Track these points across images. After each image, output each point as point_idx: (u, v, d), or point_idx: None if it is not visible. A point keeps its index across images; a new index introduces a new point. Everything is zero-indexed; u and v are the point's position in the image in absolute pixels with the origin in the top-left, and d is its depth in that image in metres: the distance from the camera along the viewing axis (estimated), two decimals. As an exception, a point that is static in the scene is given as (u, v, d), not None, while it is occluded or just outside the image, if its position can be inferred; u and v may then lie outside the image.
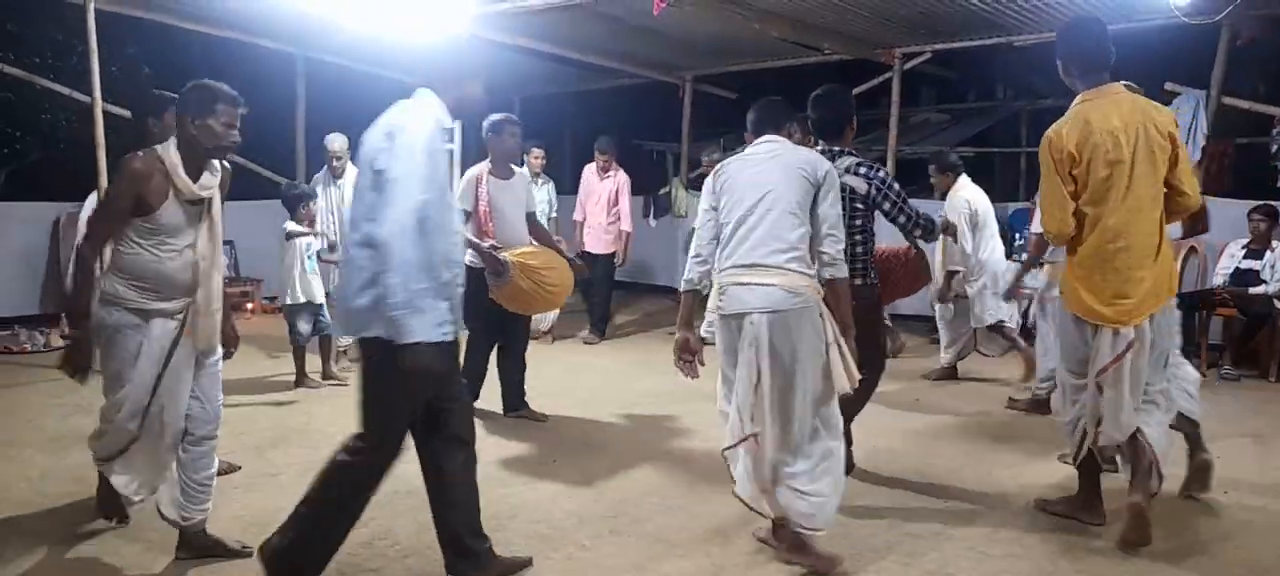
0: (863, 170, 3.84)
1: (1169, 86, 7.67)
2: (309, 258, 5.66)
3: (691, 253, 3.31)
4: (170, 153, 2.96)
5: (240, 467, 4.12)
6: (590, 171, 8.05)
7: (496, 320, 4.85)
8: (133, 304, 2.97)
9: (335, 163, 6.54)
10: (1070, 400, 3.49)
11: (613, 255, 7.82)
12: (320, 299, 5.69)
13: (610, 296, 8.12)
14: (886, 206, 3.87)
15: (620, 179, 7.93)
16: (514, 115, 5.21)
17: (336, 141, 6.53)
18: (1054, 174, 3.25)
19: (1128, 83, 3.44)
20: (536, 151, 7.87)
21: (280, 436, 4.69)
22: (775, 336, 3.00)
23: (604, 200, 7.82)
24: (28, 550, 3.28)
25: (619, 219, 7.82)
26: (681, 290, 3.37)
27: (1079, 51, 3.35)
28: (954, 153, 7.17)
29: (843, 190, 3.55)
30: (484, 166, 4.94)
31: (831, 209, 3.15)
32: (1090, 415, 3.38)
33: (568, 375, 6.41)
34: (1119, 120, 3.21)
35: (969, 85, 13.85)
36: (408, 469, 3.11)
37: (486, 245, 4.63)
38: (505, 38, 8.28)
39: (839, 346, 3.07)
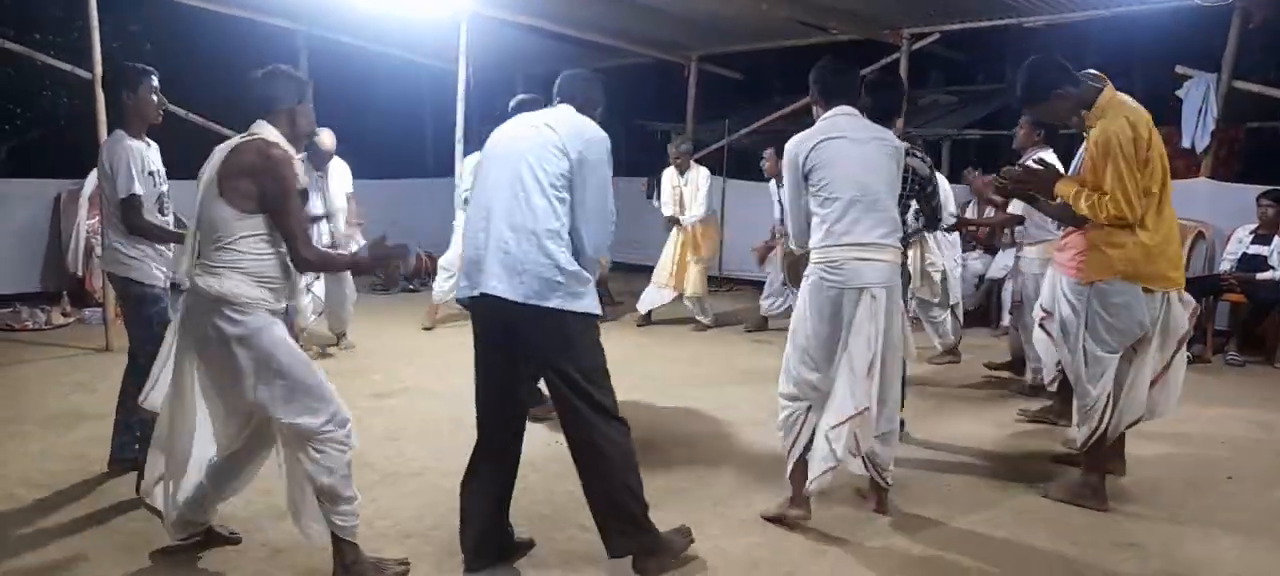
0: (919, 155, 4.16)
1: (1180, 69, 7.59)
2: None
3: (792, 231, 3.43)
4: (284, 143, 2.80)
5: None
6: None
7: None
8: (268, 305, 2.75)
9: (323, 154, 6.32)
10: (1096, 376, 3.51)
11: None
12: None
13: None
14: (928, 191, 4.18)
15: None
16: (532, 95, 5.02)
17: (329, 138, 6.35)
18: (1130, 161, 3.32)
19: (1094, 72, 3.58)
20: None
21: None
22: (891, 308, 3.22)
23: None
24: (28, 525, 3.27)
25: None
26: (796, 251, 3.61)
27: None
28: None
29: (906, 172, 3.78)
30: None
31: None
32: (1118, 392, 3.54)
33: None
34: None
35: (978, 67, 13.74)
36: (410, 447, 3.13)
37: None
38: (507, 15, 8.21)
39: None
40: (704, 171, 7.59)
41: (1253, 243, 6.57)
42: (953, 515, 3.53)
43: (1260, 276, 6.40)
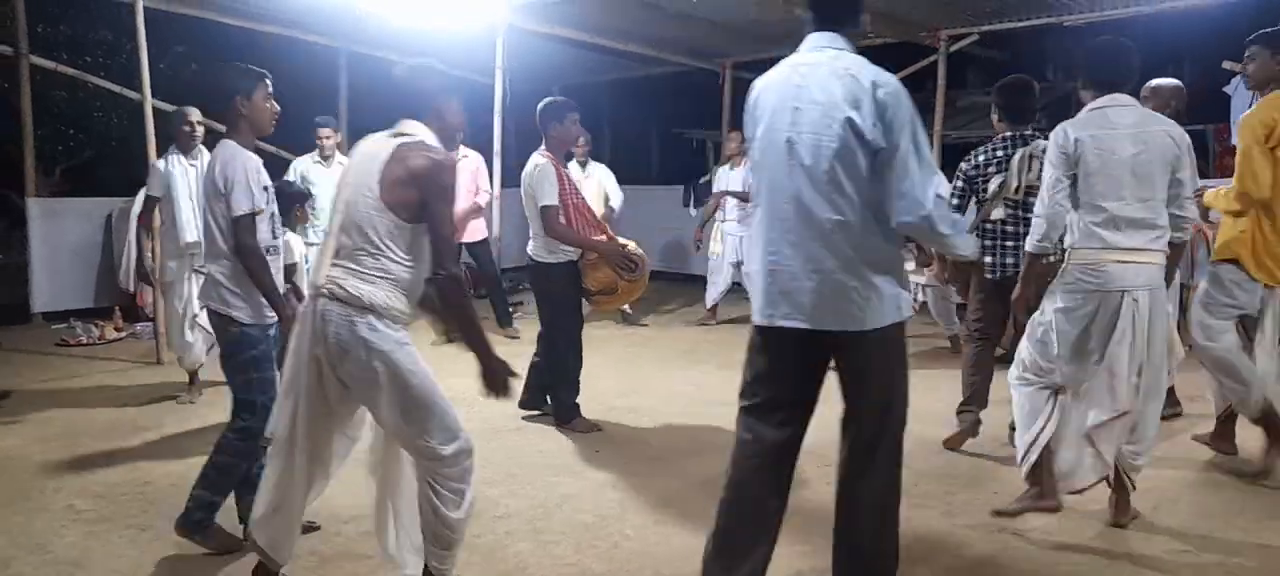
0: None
1: (1227, 64, 7.41)
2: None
3: (1047, 218, 3.19)
4: (438, 143, 2.71)
5: None
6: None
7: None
8: (407, 319, 2.67)
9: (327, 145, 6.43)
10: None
11: (485, 241, 7.35)
12: None
13: (501, 281, 7.66)
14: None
15: (476, 161, 7.26)
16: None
17: (331, 133, 6.48)
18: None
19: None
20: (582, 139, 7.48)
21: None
22: (1154, 311, 3.16)
23: (463, 188, 6.89)
24: (88, 537, 3.35)
25: (479, 204, 7.19)
26: (1032, 254, 3.27)
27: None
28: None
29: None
30: (547, 155, 4.61)
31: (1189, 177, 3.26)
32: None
33: (612, 367, 6.41)
34: None
35: (1018, 67, 13.52)
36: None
37: (607, 239, 4.58)
38: (543, 27, 8.28)
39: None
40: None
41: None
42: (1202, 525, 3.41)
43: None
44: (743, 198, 7.27)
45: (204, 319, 4.64)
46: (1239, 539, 3.30)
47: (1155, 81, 4.10)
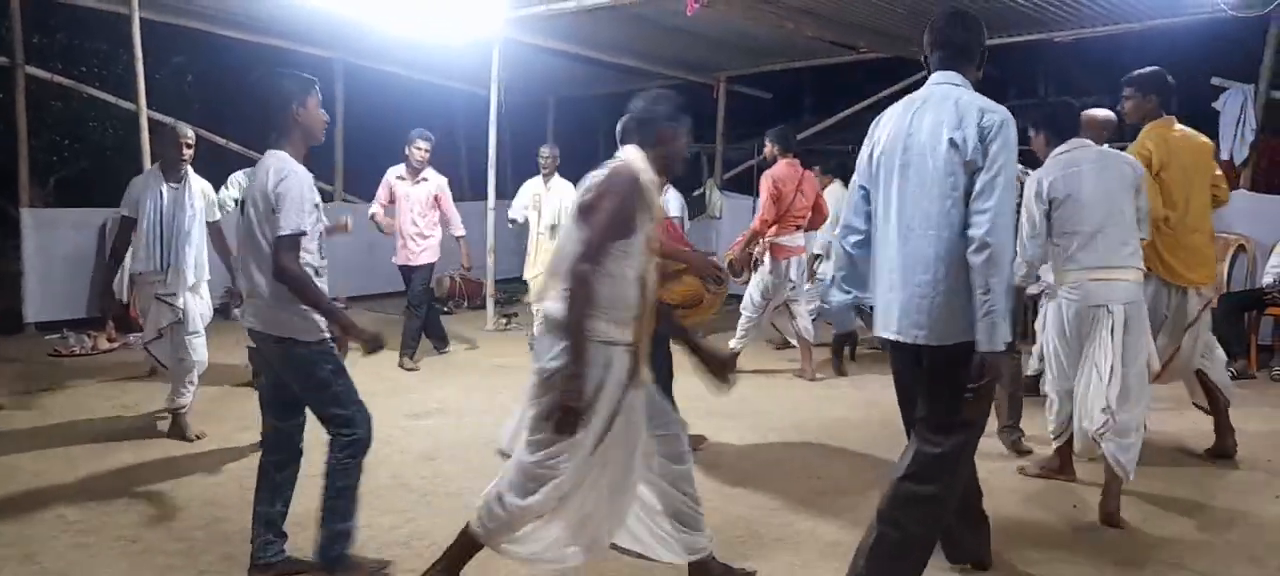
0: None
1: (1216, 81, 7.50)
2: None
3: (1029, 260, 3.67)
4: (643, 165, 2.68)
5: None
6: (394, 174, 6.73)
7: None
8: (600, 337, 2.60)
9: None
10: None
11: (430, 266, 6.72)
12: None
13: (427, 312, 6.87)
14: None
15: (438, 181, 6.75)
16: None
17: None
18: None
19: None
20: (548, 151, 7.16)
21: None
22: (1130, 323, 3.53)
23: (420, 205, 6.64)
24: (74, 544, 3.35)
25: (439, 227, 6.72)
26: (1018, 287, 3.62)
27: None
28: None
29: None
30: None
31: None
32: None
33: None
34: None
35: (1010, 82, 13.65)
36: (447, 467, 3.16)
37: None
38: (538, 40, 8.33)
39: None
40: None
41: (1296, 256, 6.44)
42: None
43: (1304, 290, 6.28)
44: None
45: (157, 348, 4.71)
46: (1231, 552, 3.32)
47: (1088, 112, 4.26)
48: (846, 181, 7.37)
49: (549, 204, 7.05)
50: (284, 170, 2.88)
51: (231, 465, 4.31)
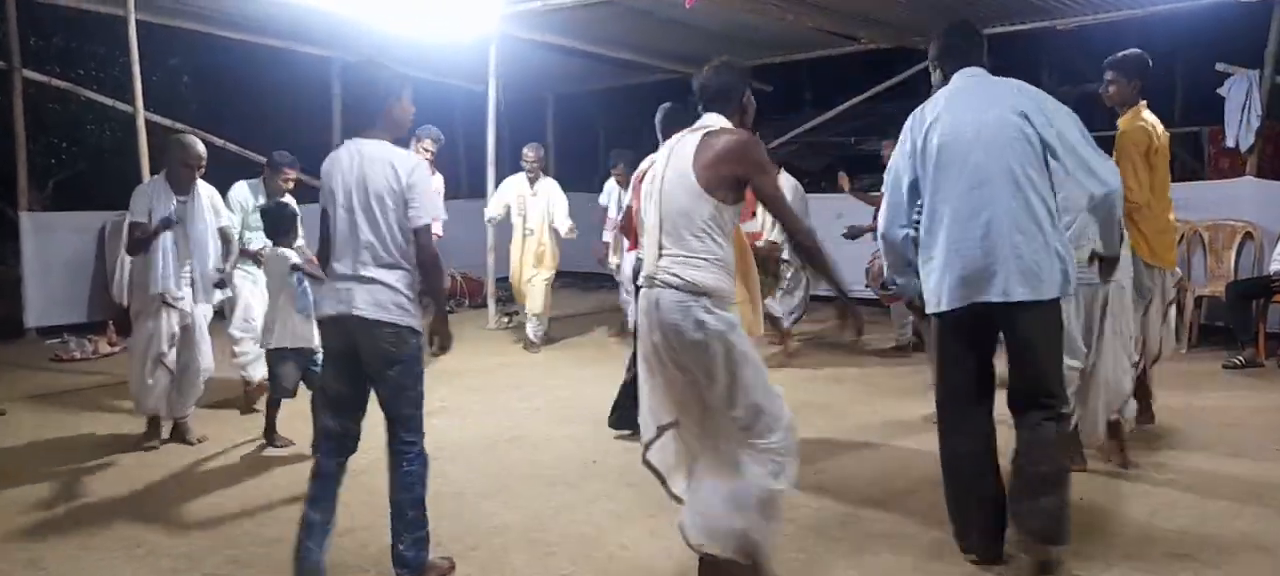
0: None
1: (1220, 67, 7.44)
2: (302, 293, 4.36)
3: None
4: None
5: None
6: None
7: None
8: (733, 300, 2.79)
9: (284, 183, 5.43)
10: None
11: None
12: (315, 342, 4.21)
13: None
14: None
15: (436, 183, 6.70)
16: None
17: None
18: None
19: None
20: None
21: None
22: (1128, 293, 3.92)
23: None
24: (80, 553, 3.33)
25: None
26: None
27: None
28: None
29: None
30: None
31: None
32: None
33: (605, 379, 6.40)
34: None
35: (1012, 70, 13.59)
36: (449, 468, 3.14)
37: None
38: (535, 36, 8.28)
39: None
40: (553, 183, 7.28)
41: (1303, 242, 6.39)
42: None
43: (1313, 276, 6.22)
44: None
45: (171, 359, 4.53)
46: (1238, 543, 3.29)
47: None
48: (850, 174, 7.34)
49: (535, 207, 6.99)
50: (410, 159, 2.95)
51: (235, 468, 4.31)
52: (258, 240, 5.17)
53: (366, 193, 2.87)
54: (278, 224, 4.50)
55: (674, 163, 2.78)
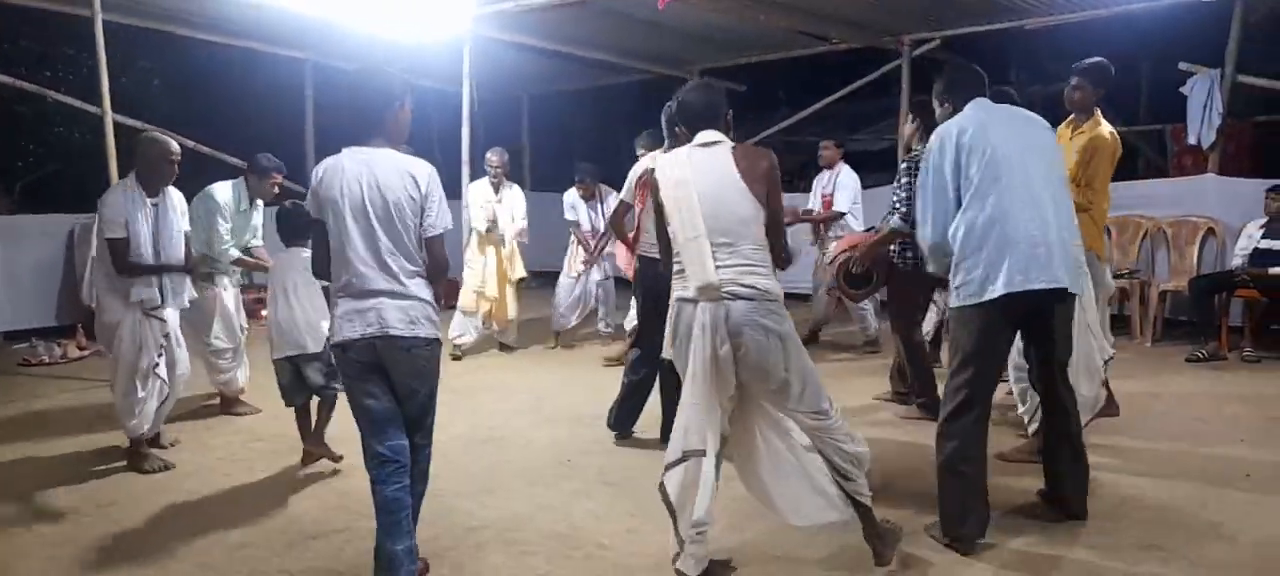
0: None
1: (1183, 66, 7.58)
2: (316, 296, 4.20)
3: None
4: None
5: None
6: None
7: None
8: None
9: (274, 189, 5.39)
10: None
11: None
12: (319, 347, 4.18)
13: None
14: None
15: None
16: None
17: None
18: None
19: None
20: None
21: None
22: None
23: None
24: (49, 562, 3.30)
25: None
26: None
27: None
28: None
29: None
30: None
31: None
32: None
33: (582, 379, 6.41)
34: None
35: (982, 70, 13.76)
36: (432, 469, 3.14)
37: None
38: (508, 36, 8.27)
39: None
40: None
41: (1264, 237, 6.52)
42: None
43: (1273, 271, 6.35)
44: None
45: (163, 369, 4.34)
46: (1204, 531, 3.37)
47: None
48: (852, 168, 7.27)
49: (502, 214, 6.94)
50: (425, 167, 2.89)
51: (207, 472, 4.27)
52: (236, 249, 5.13)
53: (385, 203, 2.78)
54: (295, 226, 4.23)
55: (715, 174, 2.88)
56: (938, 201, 3.27)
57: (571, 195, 7.32)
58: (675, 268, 2.96)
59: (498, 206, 6.98)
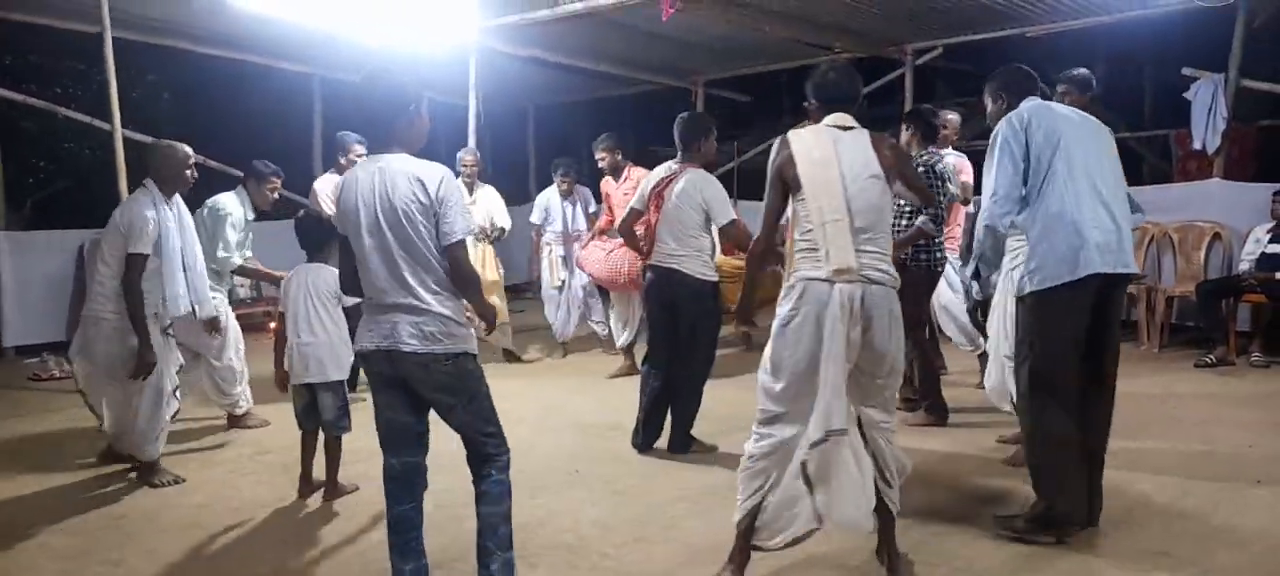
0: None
1: (1186, 71, 7.58)
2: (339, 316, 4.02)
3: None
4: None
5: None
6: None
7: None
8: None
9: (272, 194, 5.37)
10: None
11: None
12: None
13: None
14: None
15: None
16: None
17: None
18: None
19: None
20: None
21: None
22: None
23: None
24: (61, 574, 3.32)
25: None
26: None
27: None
28: None
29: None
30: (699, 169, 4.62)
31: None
32: None
33: (589, 388, 6.42)
34: None
35: (984, 78, 13.74)
36: (432, 479, 3.14)
37: None
38: (515, 49, 8.32)
39: None
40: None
41: (1270, 242, 6.51)
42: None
43: (1280, 275, 6.34)
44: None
45: (178, 390, 4.34)
46: (1213, 537, 3.36)
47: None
48: None
49: (478, 215, 6.93)
50: (438, 170, 2.74)
51: (217, 485, 4.29)
52: (238, 257, 5.15)
53: (394, 211, 2.67)
54: (315, 235, 4.02)
55: (861, 161, 2.91)
56: (1007, 180, 3.34)
57: (546, 196, 7.28)
58: (802, 245, 2.89)
59: (472, 208, 6.98)
